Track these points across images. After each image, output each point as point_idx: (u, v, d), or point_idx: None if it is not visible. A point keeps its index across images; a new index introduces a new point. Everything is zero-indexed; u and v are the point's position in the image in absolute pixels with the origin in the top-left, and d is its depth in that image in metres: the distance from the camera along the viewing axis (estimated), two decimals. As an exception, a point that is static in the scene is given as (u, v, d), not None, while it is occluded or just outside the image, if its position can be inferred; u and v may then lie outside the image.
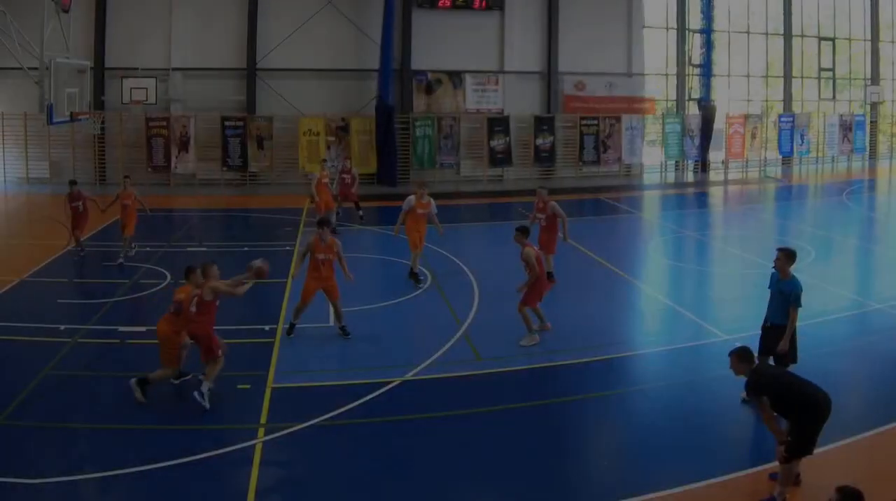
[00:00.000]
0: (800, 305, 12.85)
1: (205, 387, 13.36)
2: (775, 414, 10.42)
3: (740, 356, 10.60)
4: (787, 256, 13.13)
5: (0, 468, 11.11)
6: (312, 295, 16.97)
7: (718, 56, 46.78)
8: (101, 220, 26.21)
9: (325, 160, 32.51)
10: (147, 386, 13.65)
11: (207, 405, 13.24)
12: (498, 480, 11.35)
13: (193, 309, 13.70)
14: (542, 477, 11.27)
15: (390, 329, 18.07)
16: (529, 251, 16.48)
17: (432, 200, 21.69)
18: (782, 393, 10.24)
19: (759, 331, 13.58)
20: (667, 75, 47.73)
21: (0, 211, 34.46)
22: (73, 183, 24.68)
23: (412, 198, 21.47)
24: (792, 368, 12.38)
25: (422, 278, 21.50)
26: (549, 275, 20.21)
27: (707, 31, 45.33)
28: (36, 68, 26.25)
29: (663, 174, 46.34)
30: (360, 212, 30.28)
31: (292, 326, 17.14)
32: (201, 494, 10.81)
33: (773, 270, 13.36)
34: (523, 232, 16.84)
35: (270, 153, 39.99)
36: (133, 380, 13.63)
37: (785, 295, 13.00)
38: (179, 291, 14.64)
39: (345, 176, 30.23)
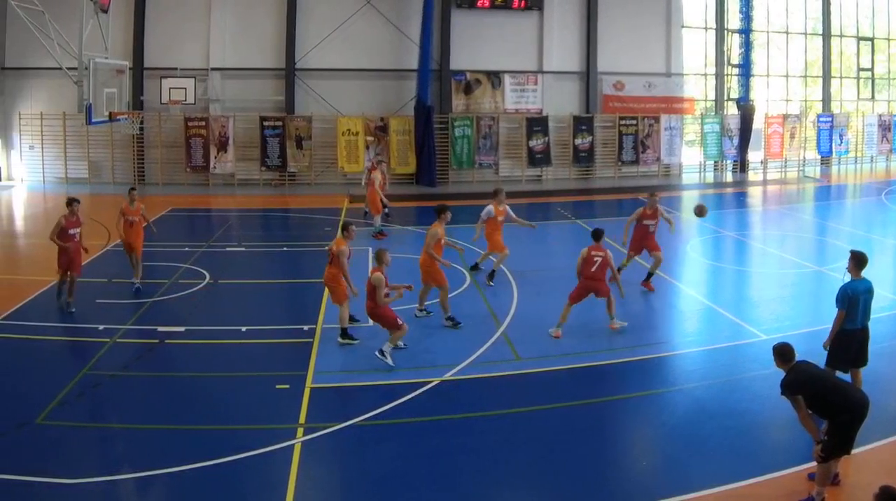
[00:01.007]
0: (841, 307, 12.69)
1: (387, 348, 15.12)
2: (812, 413, 10.28)
3: (779, 353, 10.51)
4: (852, 258, 13.07)
5: (38, 468, 11.03)
6: None
7: (757, 56, 45.96)
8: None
9: (381, 162, 32.31)
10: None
11: (391, 362, 15.01)
12: (537, 480, 11.22)
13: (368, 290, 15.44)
14: (582, 477, 11.20)
15: (429, 329, 17.71)
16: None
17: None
18: (817, 392, 10.11)
19: (798, 331, 13.45)
20: (706, 75, 46.82)
21: (39, 211, 34.31)
22: (73, 201, 18.98)
23: (491, 207, 21.27)
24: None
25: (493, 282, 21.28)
26: (648, 276, 20.98)
27: (746, 31, 44.57)
28: (75, 68, 26.02)
29: (702, 174, 45.43)
30: (387, 210, 29.99)
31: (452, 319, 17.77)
32: (240, 494, 10.76)
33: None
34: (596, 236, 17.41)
35: (309, 153, 39.57)
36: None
37: None
38: (333, 244, 16.81)
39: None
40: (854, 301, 12.61)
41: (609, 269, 17.18)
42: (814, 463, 10.39)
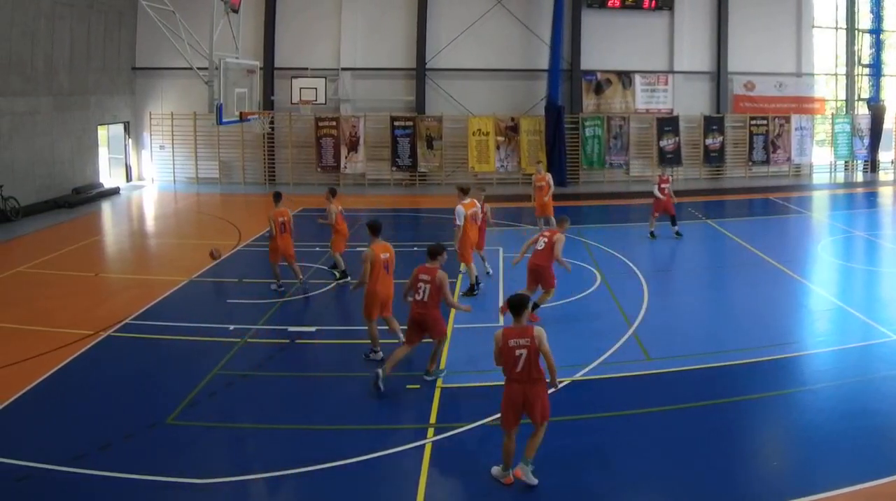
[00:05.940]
0: None
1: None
2: None
3: None
4: None
5: (169, 467, 11.02)
6: None
7: (888, 56, 43.93)
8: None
9: (539, 162, 31.32)
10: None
11: None
12: (667, 480, 10.98)
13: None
14: (712, 478, 10.93)
15: (559, 329, 16.98)
16: None
17: None
18: None
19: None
20: (836, 75, 44.85)
21: (170, 211, 33.96)
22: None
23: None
24: None
25: None
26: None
27: (877, 31, 42.75)
28: (205, 68, 25.45)
29: (832, 174, 43.66)
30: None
31: None
32: (371, 494, 10.64)
33: None
34: None
35: (440, 153, 38.63)
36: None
37: None
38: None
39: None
40: None
41: None
42: None
